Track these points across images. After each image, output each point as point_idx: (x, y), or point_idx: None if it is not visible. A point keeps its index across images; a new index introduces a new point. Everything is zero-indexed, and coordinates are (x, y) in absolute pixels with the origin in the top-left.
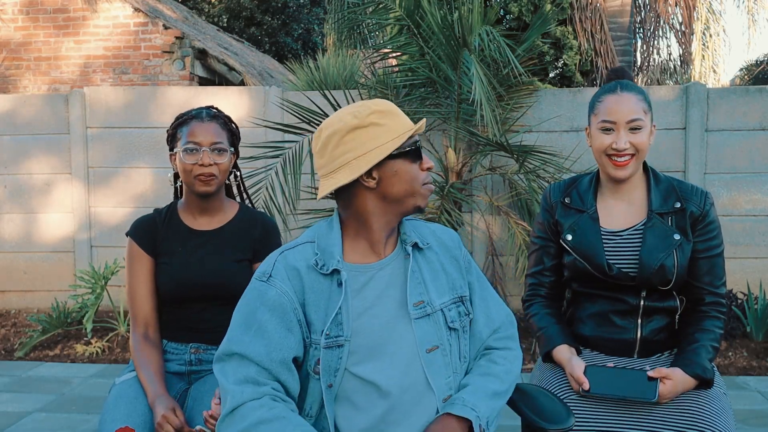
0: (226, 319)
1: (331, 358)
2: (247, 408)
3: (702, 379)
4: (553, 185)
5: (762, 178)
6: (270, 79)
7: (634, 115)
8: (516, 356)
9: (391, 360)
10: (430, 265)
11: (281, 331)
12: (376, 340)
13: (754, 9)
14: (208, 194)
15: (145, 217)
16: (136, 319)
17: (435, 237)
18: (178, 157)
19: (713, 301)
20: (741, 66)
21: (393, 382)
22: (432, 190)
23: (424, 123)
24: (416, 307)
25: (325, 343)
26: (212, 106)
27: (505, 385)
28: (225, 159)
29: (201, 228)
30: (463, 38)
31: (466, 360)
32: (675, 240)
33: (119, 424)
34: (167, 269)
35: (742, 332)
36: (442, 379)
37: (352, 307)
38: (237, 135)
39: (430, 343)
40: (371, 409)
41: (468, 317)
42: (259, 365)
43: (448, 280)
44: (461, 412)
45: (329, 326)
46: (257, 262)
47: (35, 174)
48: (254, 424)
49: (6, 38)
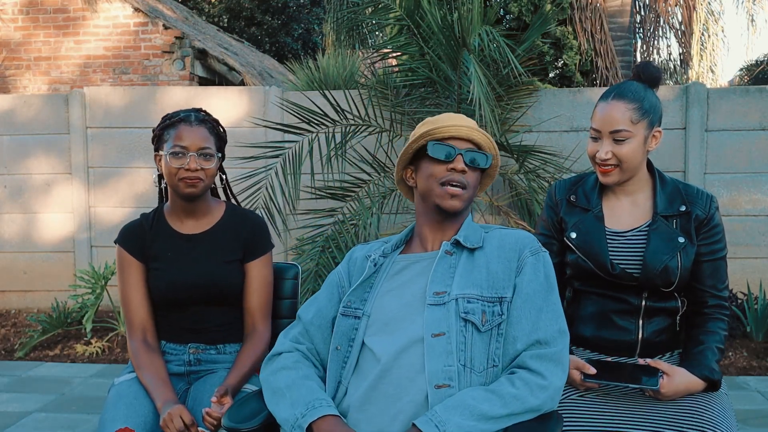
0: (222, 320)
1: (345, 326)
2: (282, 356)
3: (710, 380)
4: (558, 182)
5: (762, 178)
6: (270, 79)
7: (618, 126)
8: (541, 386)
9: (397, 335)
10: (473, 263)
11: (325, 300)
12: (391, 317)
13: (753, 10)
14: (193, 196)
15: (132, 224)
16: (133, 326)
17: (499, 240)
18: (164, 159)
19: (716, 304)
20: (741, 66)
21: (387, 350)
22: (454, 193)
23: (456, 131)
24: (436, 296)
25: (342, 311)
26: (201, 109)
27: (504, 410)
28: (212, 164)
29: (189, 231)
30: (462, 38)
31: (496, 365)
32: (679, 243)
33: (119, 425)
34: (158, 274)
35: (742, 332)
36: (439, 365)
37: (382, 288)
38: (224, 139)
39: (438, 329)
40: (369, 375)
41: (501, 317)
42: (305, 326)
43: (489, 278)
44: (424, 425)
45: (349, 296)
46: (248, 261)
47: (35, 174)
48: (279, 368)
49: (6, 38)
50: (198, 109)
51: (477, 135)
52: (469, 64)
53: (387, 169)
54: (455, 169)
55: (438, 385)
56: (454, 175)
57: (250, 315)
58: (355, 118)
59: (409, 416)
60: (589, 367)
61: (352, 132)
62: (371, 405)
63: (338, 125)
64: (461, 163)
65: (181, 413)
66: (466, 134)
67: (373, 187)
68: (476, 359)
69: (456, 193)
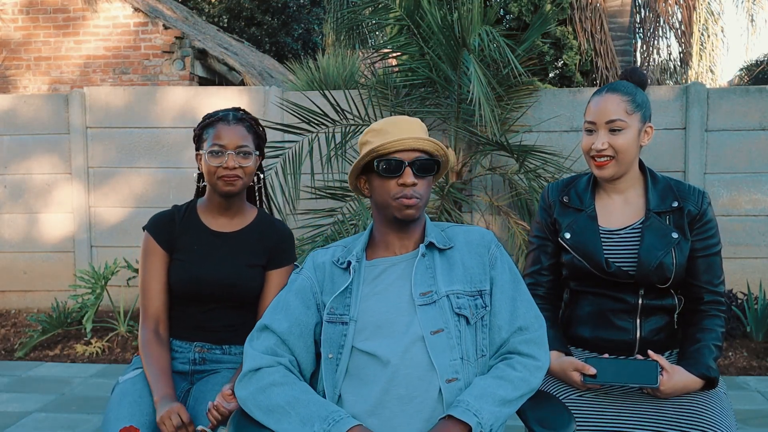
0: (233, 321)
1: (333, 332)
2: (263, 372)
3: (707, 378)
4: (551, 184)
5: (762, 178)
6: (270, 79)
7: (613, 116)
8: (537, 366)
9: (396, 338)
10: (448, 261)
11: (301, 308)
12: (383, 320)
13: (753, 9)
14: (231, 194)
15: (164, 213)
16: (147, 314)
17: (464, 237)
18: (204, 158)
19: (712, 300)
20: (741, 66)
21: (393, 352)
22: (407, 204)
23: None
24: (423, 297)
25: (328, 318)
26: (240, 108)
27: (516, 393)
28: (250, 162)
29: (219, 229)
30: (462, 38)
31: (484, 354)
32: (673, 238)
33: (123, 423)
34: (181, 266)
35: (742, 332)
36: (445, 360)
37: (362, 292)
38: (263, 138)
39: (436, 326)
40: (375, 381)
41: (485, 309)
42: (280, 337)
43: (466, 274)
44: (462, 416)
45: (332, 302)
46: (271, 269)
47: (35, 174)
48: (267, 385)
49: (6, 38)
50: (237, 108)
51: (422, 144)
52: (469, 64)
53: None
54: (405, 183)
55: (448, 380)
56: (406, 189)
57: None
58: (355, 118)
59: (428, 414)
60: (589, 367)
61: (352, 132)
62: (385, 409)
63: (338, 125)
64: (410, 176)
65: (179, 411)
66: (410, 145)
67: None
68: (470, 351)
69: (410, 203)
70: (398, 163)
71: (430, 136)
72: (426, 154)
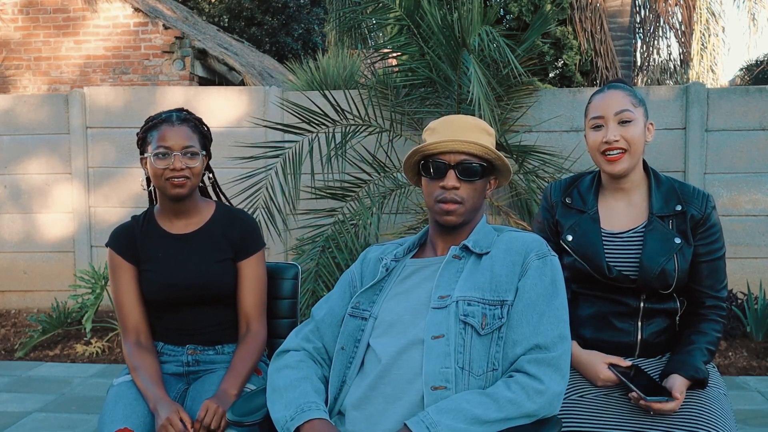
0: (219, 319)
1: (352, 326)
2: (287, 355)
3: (695, 379)
4: (553, 184)
5: (762, 178)
6: (270, 79)
7: (621, 107)
8: (538, 390)
9: (399, 337)
10: (478, 267)
11: (338, 299)
12: (396, 319)
13: (754, 8)
14: (181, 197)
15: (123, 226)
16: (126, 328)
17: (505, 242)
18: (149, 161)
19: (713, 305)
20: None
21: (388, 351)
22: (446, 209)
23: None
24: (440, 300)
25: (351, 311)
26: (183, 109)
27: (499, 414)
28: (197, 162)
29: (179, 231)
30: (462, 38)
31: (496, 369)
32: (676, 244)
33: (118, 426)
34: (150, 275)
35: (742, 332)
36: (436, 367)
37: (391, 291)
38: (209, 137)
39: (438, 332)
40: (370, 374)
41: (501, 320)
42: (317, 324)
43: (492, 281)
44: (414, 426)
45: (359, 297)
46: (240, 260)
47: (35, 174)
48: (282, 366)
49: (6, 38)
50: (180, 109)
51: (467, 146)
52: (469, 64)
53: (387, 169)
54: (445, 186)
55: (434, 387)
56: (447, 193)
57: (244, 314)
58: (355, 118)
59: (405, 417)
60: (624, 361)
61: (352, 132)
62: (369, 404)
63: (338, 125)
64: (453, 179)
65: (180, 414)
66: (456, 148)
67: (373, 187)
68: (475, 362)
69: (450, 209)
70: (441, 165)
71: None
72: (475, 158)
